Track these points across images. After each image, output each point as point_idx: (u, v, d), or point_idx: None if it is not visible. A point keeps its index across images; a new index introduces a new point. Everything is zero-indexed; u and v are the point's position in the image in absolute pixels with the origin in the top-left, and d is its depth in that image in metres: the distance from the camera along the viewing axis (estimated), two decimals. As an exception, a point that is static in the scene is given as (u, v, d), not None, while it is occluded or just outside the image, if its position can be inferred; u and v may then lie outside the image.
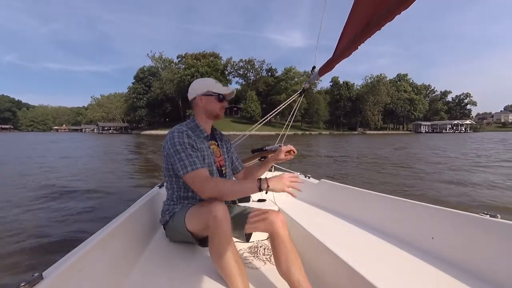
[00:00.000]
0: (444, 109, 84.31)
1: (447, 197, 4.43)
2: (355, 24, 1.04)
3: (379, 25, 0.80)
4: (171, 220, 1.31)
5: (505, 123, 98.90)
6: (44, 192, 4.76)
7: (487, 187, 5.13)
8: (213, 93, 1.36)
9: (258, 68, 65.95)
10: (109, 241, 1.05)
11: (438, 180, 5.90)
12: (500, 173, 6.72)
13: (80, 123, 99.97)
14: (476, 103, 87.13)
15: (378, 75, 70.14)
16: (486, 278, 0.93)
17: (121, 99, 77.19)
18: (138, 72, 63.49)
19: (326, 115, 67.59)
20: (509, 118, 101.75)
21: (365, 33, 0.92)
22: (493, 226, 0.97)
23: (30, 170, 7.34)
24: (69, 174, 6.73)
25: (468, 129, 71.76)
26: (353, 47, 1.05)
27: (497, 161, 9.25)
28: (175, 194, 1.34)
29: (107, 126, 75.08)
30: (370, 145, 19.07)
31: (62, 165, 8.62)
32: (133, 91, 63.10)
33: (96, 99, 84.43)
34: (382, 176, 6.49)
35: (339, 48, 1.25)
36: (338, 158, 10.99)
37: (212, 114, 1.39)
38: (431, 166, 8.04)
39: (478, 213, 1.05)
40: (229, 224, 1.08)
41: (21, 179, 6.05)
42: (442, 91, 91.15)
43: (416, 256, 1.12)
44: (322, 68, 1.73)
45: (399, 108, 72.43)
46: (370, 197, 1.56)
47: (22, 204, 3.94)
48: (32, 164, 8.65)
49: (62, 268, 0.75)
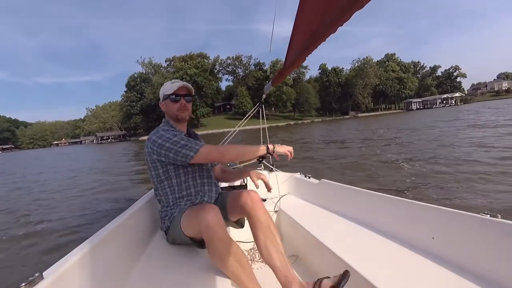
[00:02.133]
0: (434, 84, 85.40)
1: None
2: (300, 38, 1.09)
3: (323, 36, 0.81)
4: (172, 225, 1.27)
5: (498, 91, 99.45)
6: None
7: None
8: (166, 96, 1.34)
9: (246, 64, 66.97)
10: (109, 241, 1.05)
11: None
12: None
13: (79, 136, 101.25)
14: (466, 74, 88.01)
15: (364, 58, 71.20)
16: (486, 278, 0.93)
17: (116, 108, 78.41)
18: (129, 80, 64.62)
19: (316, 102, 69.02)
20: (503, 86, 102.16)
21: (311, 45, 0.93)
22: (493, 226, 0.96)
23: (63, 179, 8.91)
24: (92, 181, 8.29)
25: (458, 102, 72.76)
26: (301, 58, 1.09)
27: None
28: (170, 198, 1.31)
29: (105, 135, 76.66)
30: (356, 129, 20.51)
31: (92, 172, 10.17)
32: (126, 99, 64.52)
33: (92, 110, 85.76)
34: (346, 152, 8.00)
35: (288, 60, 1.33)
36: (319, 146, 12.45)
37: (172, 117, 1.36)
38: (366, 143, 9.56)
39: (478, 213, 1.04)
40: (223, 227, 1.06)
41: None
42: (431, 67, 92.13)
43: (416, 256, 1.12)
44: (274, 79, 1.80)
45: (388, 88, 73.51)
46: (370, 197, 1.56)
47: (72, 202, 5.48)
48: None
49: (62, 268, 0.74)
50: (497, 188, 3.56)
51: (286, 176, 2.45)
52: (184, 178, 1.33)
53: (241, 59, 66.14)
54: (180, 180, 1.32)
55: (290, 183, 2.38)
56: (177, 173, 1.32)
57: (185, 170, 1.33)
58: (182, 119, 1.36)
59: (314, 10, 0.90)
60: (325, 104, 73.55)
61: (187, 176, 1.34)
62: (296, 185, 2.32)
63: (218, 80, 65.57)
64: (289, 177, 2.41)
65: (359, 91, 70.59)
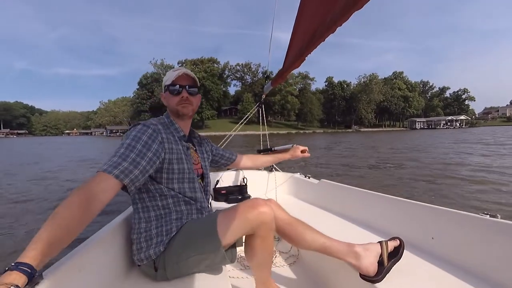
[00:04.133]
0: (441, 105, 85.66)
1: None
2: (300, 38, 1.09)
3: (323, 37, 0.81)
4: (176, 249, 0.96)
5: (510, 117, 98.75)
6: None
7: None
8: (166, 86, 1.08)
9: (254, 71, 69.28)
10: (109, 241, 1.02)
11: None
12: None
13: (90, 127, 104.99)
14: (474, 98, 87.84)
15: (370, 74, 72.72)
16: (486, 278, 0.93)
17: (127, 103, 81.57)
18: (141, 79, 67.62)
19: (320, 114, 70.54)
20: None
21: (310, 45, 0.92)
22: (493, 226, 0.96)
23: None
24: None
25: (464, 124, 72.85)
26: (301, 59, 1.07)
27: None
28: (165, 210, 1.01)
29: (114, 129, 79.77)
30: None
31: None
32: (137, 96, 67.44)
33: (104, 103, 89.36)
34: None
35: (287, 60, 1.29)
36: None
37: (173, 112, 1.10)
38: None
39: (478, 213, 1.04)
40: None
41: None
42: (440, 87, 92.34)
43: (416, 256, 1.12)
44: (274, 79, 1.79)
45: (393, 106, 74.46)
46: (370, 197, 1.55)
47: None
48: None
49: (62, 268, 0.74)
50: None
51: (286, 176, 2.44)
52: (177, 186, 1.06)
53: (250, 66, 68.60)
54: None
55: (290, 183, 2.38)
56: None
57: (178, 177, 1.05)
58: (183, 115, 1.10)
59: (314, 10, 0.92)
60: (330, 116, 74.98)
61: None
62: (296, 185, 2.33)
63: (226, 84, 68.14)
64: (289, 177, 2.41)
65: (363, 106, 71.91)
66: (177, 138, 1.07)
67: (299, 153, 1.58)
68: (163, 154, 0.97)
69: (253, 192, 2.29)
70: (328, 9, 0.76)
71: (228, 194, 2.15)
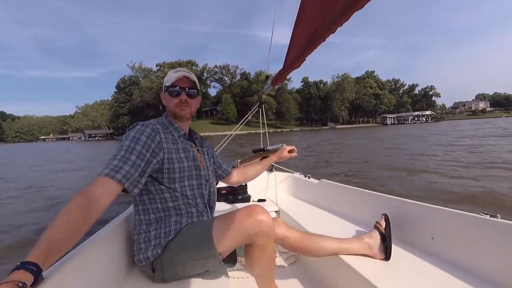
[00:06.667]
0: (409, 102, 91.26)
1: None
2: (300, 38, 1.09)
3: (323, 37, 0.82)
4: (173, 252, 0.97)
5: (475, 111, 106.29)
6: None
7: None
8: (166, 87, 1.11)
9: (233, 73, 71.17)
10: (109, 241, 1.02)
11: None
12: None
13: (67, 132, 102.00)
14: (440, 94, 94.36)
15: (343, 74, 76.72)
16: (486, 278, 0.93)
17: (105, 107, 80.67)
18: (119, 82, 67.66)
19: (296, 113, 73.49)
20: (479, 106, 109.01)
21: (311, 45, 0.93)
22: (493, 226, 0.96)
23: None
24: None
25: (429, 119, 78.43)
26: (301, 59, 1.07)
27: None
28: (165, 212, 1.03)
29: (93, 133, 78.97)
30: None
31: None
32: (115, 99, 67.35)
33: (81, 108, 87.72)
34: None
35: (288, 60, 1.28)
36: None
37: (171, 113, 1.13)
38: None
39: (478, 213, 1.04)
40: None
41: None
42: (410, 85, 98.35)
43: (416, 256, 1.12)
44: (274, 79, 1.81)
45: (365, 103, 78.93)
46: (370, 197, 1.55)
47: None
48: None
49: (62, 268, 0.73)
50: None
51: (285, 176, 2.46)
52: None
53: (228, 68, 70.35)
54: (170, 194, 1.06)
55: (290, 183, 2.41)
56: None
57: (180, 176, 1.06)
58: (181, 117, 1.11)
59: (314, 10, 0.93)
60: (307, 114, 78.25)
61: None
62: (296, 185, 2.35)
63: (206, 86, 69.41)
64: (289, 177, 2.43)
65: (337, 105, 75.65)
66: (178, 137, 1.08)
67: (286, 153, 1.55)
68: (161, 154, 0.98)
69: (253, 192, 2.31)
70: (328, 9, 0.77)
71: (228, 194, 2.15)
